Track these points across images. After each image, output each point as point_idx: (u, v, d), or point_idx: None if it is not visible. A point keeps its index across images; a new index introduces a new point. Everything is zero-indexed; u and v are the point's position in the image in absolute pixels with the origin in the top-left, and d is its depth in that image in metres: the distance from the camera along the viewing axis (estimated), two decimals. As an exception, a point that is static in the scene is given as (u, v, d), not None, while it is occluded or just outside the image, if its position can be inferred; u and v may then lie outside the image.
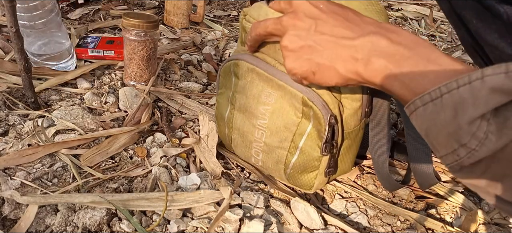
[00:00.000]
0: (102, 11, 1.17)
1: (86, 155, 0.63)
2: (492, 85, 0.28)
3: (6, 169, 0.59)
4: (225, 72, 0.61)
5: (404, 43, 0.37)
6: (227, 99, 0.62)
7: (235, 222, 0.53)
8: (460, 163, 0.31)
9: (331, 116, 0.51)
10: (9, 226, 0.51)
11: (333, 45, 0.40)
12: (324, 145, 0.53)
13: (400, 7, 1.61)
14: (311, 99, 0.51)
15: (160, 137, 0.71)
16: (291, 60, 0.44)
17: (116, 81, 0.85)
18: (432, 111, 0.32)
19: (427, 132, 0.33)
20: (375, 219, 0.62)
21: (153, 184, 0.59)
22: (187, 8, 1.15)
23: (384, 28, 0.39)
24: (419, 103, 0.33)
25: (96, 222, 0.52)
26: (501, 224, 0.63)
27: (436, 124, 0.32)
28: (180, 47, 1.04)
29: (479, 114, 0.29)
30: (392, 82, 0.37)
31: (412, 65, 0.35)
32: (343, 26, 0.41)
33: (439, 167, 0.73)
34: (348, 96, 0.54)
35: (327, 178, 0.58)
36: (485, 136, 0.29)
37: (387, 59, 0.37)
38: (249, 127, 0.59)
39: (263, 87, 0.55)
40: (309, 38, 0.42)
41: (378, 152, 0.58)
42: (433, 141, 0.33)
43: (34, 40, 0.79)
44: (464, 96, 0.30)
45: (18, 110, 0.71)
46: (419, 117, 0.33)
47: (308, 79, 0.44)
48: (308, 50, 0.42)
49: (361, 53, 0.39)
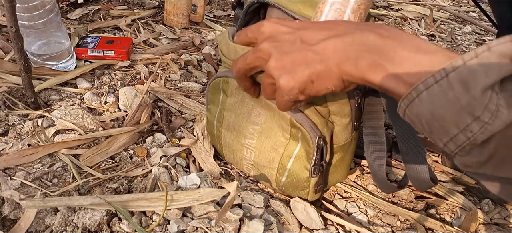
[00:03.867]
0: (102, 11, 1.17)
1: (86, 155, 0.63)
2: (501, 52, 0.29)
3: (6, 169, 0.59)
4: (214, 89, 0.60)
5: (392, 37, 0.36)
6: (215, 116, 0.61)
7: (235, 222, 0.53)
8: (472, 141, 0.31)
9: (319, 138, 0.51)
10: (9, 226, 0.51)
11: (323, 49, 0.39)
12: (313, 167, 0.53)
13: (400, 7, 1.61)
14: (298, 121, 0.50)
15: (160, 137, 0.71)
16: (286, 77, 0.41)
17: (116, 81, 0.85)
18: (438, 92, 0.31)
19: (433, 116, 0.32)
20: (375, 219, 0.62)
21: (153, 184, 0.59)
22: (187, 8, 1.15)
23: (369, 24, 0.38)
24: (421, 87, 0.32)
25: (96, 222, 0.52)
26: (501, 224, 0.63)
27: (444, 104, 0.31)
28: (180, 47, 1.04)
29: (492, 82, 0.29)
30: (385, 77, 0.36)
31: (403, 57, 0.35)
32: (326, 28, 0.40)
33: (439, 167, 0.73)
34: (336, 113, 0.53)
35: (319, 193, 0.58)
36: (496, 109, 0.29)
37: (378, 54, 0.36)
38: (238, 145, 0.59)
39: (253, 106, 0.55)
40: (298, 51, 0.40)
41: (374, 158, 0.57)
42: (439, 124, 0.32)
43: (34, 40, 0.79)
44: (474, 68, 0.29)
45: (18, 110, 0.71)
46: (423, 102, 0.32)
47: (307, 90, 0.41)
48: (301, 61, 0.40)
49: (352, 51, 0.37)
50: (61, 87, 0.79)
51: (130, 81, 0.86)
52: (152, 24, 1.15)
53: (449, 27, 1.51)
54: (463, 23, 1.55)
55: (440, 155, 0.76)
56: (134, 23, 1.13)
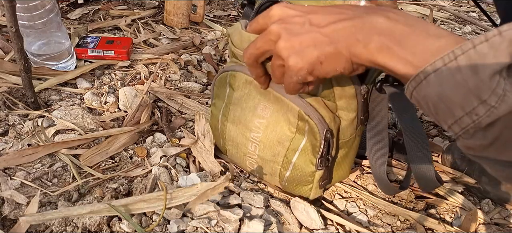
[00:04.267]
0: (102, 11, 1.17)
1: (86, 155, 0.63)
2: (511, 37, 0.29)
3: (6, 169, 0.59)
4: (220, 83, 0.60)
5: (402, 20, 0.36)
6: (220, 110, 0.61)
7: (235, 222, 0.53)
8: (477, 124, 0.31)
9: (327, 131, 0.51)
10: (9, 226, 0.51)
11: (332, 31, 0.39)
12: (319, 160, 0.53)
13: (400, 8, 1.61)
14: (307, 113, 0.50)
15: (160, 137, 0.71)
16: (295, 57, 0.41)
17: (116, 81, 0.85)
18: (446, 74, 0.31)
19: (439, 98, 0.32)
20: (375, 219, 0.62)
21: (153, 184, 0.59)
22: (187, 8, 1.15)
23: (378, 9, 0.39)
24: (430, 69, 0.32)
25: (96, 222, 0.52)
26: (501, 224, 0.63)
27: (452, 86, 0.31)
28: (180, 47, 1.04)
29: (500, 67, 0.29)
30: (394, 60, 0.36)
31: (413, 40, 0.35)
32: (335, 13, 0.40)
33: (439, 167, 0.73)
34: (344, 107, 0.53)
35: (322, 189, 0.58)
36: (503, 93, 0.29)
37: (387, 37, 0.36)
38: (243, 139, 0.59)
39: (259, 99, 0.55)
40: (307, 33, 0.40)
41: (376, 158, 0.57)
42: (446, 105, 0.32)
43: (34, 40, 0.79)
44: (484, 52, 0.30)
45: (18, 110, 0.71)
46: (430, 84, 0.33)
47: (315, 71, 0.41)
48: (309, 41, 0.40)
49: (362, 33, 0.37)
50: (61, 87, 0.79)
51: (130, 81, 0.86)
52: (152, 24, 1.15)
53: (449, 27, 1.51)
54: (463, 23, 1.56)
55: (440, 155, 0.76)
56: (134, 23, 1.13)
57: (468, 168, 0.70)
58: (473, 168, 0.69)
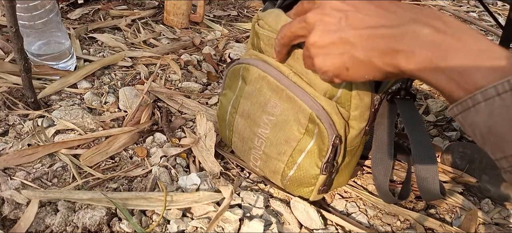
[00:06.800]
0: (102, 11, 1.17)
1: (86, 155, 0.63)
2: None
3: (6, 169, 0.59)
4: (233, 74, 0.60)
5: (450, 32, 0.33)
6: (230, 102, 0.61)
7: (235, 222, 0.53)
8: None
9: (336, 137, 0.51)
10: (9, 226, 0.51)
11: (368, 37, 0.36)
12: (324, 165, 0.53)
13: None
14: (319, 117, 0.50)
15: (160, 137, 0.71)
16: (321, 58, 0.40)
17: (116, 81, 0.85)
18: (499, 106, 0.29)
19: (490, 130, 0.30)
20: (375, 219, 0.62)
21: (153, 184, 0.59)
22: (187, 8, 1.15)
23: (426, 15, 0.35)
24: (480, 98, 0.29)
25: (96, 222, 0.52)
26: (501, 224, 0.63)
27: (504, 122, 0.29)
28: (180, 47, 1.04)
29: None
30: (438, 76, 0.33)
31: (461, 57, 0.32)
32: (377, 15, 0.37)
33: (439, 167, 0.73)
34: (357, 117, 0.52)
35: (320, 195, 0.58)
36: None
37: (432, 51, 0.33)
38: (250, 134, 0.59)
39: (270, 96, 0.54)
40: (340, 32, 0.38)
41: (380, 170, 0.55)
42: (496, 140, 0.30)
43: (34, 40, 0.79)
44: None
45: (18, 110, 0.71)
46: (479, 113, 0.30)
47: (341, 76, 0.40)
48: (340, 45, 0.38)
49: (402, 44, 0.34)
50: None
51: (130, 81, 0.86)
52: (152, 24, 1.15)
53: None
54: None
55: (439, 155, 0.76)
56: (134, 23, 1.13)
57: (468, 167, 0.70)
58: (473, 167, 0.69)
